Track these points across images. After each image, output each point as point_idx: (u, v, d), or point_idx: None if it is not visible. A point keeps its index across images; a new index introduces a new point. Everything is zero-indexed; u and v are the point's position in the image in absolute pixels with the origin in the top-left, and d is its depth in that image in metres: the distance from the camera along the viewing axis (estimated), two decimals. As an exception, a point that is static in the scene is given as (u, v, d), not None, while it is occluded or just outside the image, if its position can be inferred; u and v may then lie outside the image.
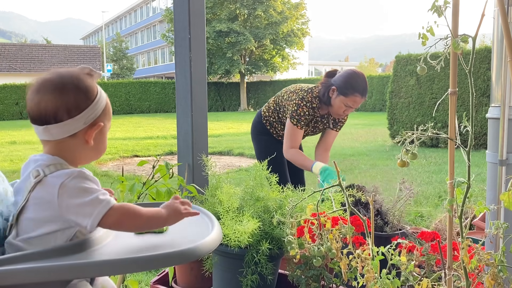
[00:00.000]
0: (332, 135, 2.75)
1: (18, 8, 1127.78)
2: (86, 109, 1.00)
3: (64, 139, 1.01)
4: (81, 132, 1.02)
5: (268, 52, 29.46)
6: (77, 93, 1.00)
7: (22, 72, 27.75)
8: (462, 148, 0.95)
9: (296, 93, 2.59)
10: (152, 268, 0.91)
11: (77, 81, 1.02)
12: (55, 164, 0.99)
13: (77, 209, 0.93)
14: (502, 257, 1.01)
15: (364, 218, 1.16)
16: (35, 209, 0.95)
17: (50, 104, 0.98)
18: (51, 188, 0.94)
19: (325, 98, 2.52)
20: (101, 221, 0.93)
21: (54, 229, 0.95)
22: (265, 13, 27.67)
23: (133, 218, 0.96)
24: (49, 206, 0.94)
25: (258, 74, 30.86)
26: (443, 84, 8.44)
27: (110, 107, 1.10)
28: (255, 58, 29.83)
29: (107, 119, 1.08)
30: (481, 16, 0.92)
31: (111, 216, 0.93)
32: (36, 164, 1.00)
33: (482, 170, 5.44)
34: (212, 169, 1.76)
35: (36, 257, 0.89)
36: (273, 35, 28.11)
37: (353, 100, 2.47)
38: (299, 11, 29.22)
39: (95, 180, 1.00)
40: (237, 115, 22.52)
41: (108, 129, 1.10)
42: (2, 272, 0.82)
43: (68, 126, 0.99)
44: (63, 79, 1.01)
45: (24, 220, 0.96)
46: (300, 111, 2.54)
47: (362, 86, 2.46)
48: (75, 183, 0.94)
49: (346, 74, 2.50)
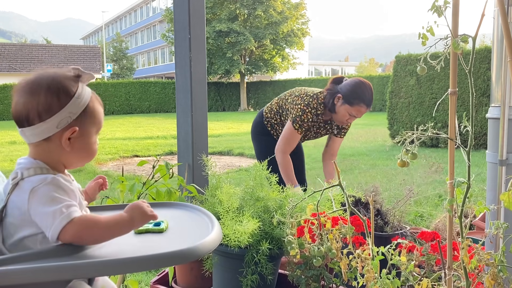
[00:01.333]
0: (337, 142, 2.77)
1: (18, 8, 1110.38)
2: (58, 112, 0.96)
3: (40, 143, 0.99)
4: (55, 136, 0.98)
5: (268, 52, 29.46)
6: (49, 95, 0.96)
7: (22, 72, 27.73)
8: (462, 148, 0.95)
9: (301, 98, 2.58)
10: (152, 268, 0.91)
11: (52, 83, 0.98)
12: (35, 168, 0.97)
13: (41, 217, 0.91)
14: (502, 257, 1.01)
15: (364, 218, 1.16)
16: (12, 214, 0.95)
17: (23, 106, 0.97)
18: (22, 193, 0.93)
19: (330, 105, 2.52)
20: (60, 235, 0.89)
21: (32, 232, 0.93)
22: (265, 13, 27.66)
23: (91, 229, 0.91)
24: (21, 211, 0.93)
25: (258, 74, 30.86)
26: (443, 84, 8.44)
27: (97, 109, 1.04)
28: (255, 58, 29.82)
29: (89, 123, 1.03)
30: (481, 16, 0.92)
31: (69, 230, 0.89)
32: (17, 167, 0.99)
33: (482, 170, 5.44)
34: (212, 169, 1.76)
35: (36, 257, 0.89)
36: (273, 35, 28.09)
37: (358, 109, 2.47)
38: (299, 11, 29.21)
39: (68, 189, 0.96)
40: (237, 115, 22.52)
41: (92, 133, 1.04)
42: (1, 272, 0.82)
43: (39, 129, 0.97)
44: (38, 80, 0.98)
45: (6, 224, 0.96)
46: (304, 117, 2.54)
47: (368, 97, 2.46)
48: (45, 191, 0.93)
49: (353, 83, 2.49)
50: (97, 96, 1.07)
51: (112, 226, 0.93)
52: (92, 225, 0.92)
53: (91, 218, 0.93)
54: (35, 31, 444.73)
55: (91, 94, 1.04)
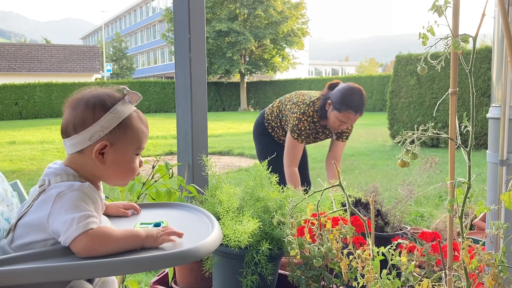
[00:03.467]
0: (340, 146, 2.75)
1: (17, 8, 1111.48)
2: (91, 126, 0.99)
3: (76, 155, 1.02)
4: (88, 149, 1.01)
5: (268, 52, 29.45)
6: (85, 109, 1.00)
7: (21, 72, 27.75)
8: (462, 148, 0.95)
9: (298, 106, 2.59)
10: (152, 269, 0.91)
11: (91, 98, 1.02)
12: (62, 175, 0.99)
13: (59, 221, 0.92)
14: (502, 257, 1.00)
15: (364, 218, 1.16)
16: (32, 216, 0.96)
17: (64, 119, 1.03)
18: (48, 197, 0.95)
19: (323, 111, 2.52)
20: (72, 242, 0.90)
21: (43, 237, 0.94)
22: (265, 13, 27.66)
23: (102, 242, 0.91)
24: (41, 215, 0.94)
25: (258, 74, 30.86)
26: (444, 84, 8.44)
27: (135, 127, 1.04)
28: (255, 58, 29.81)
29: (124, 139, 1.03)
30: (481, 16, 0.92)
31: (81, 240, 0.89)
32: (47, 171, 1.01)
33: (482, 170, 5.44)
34: (212, 169, 1.76)
35: (36, 257, 0.89)
36: (273, 35, 28.09)
37: (347, 116, 2.44)
38: (299, 10, 29.21)
39: (94, 199, 0.98)
40: (237, 115, 22.51)
41: (127, 151, 1.04)
42: (2, 272, 0.82)
43: (74, 141, 1.01)
44: (81, 96, 1.04)
45: (22, 224, 0.97)
46: (301, 126, 2.54)
47: (356, 103, 2.42)
48: (71, 196, 0.94)
49: (343, 90, 2.47)
50: (141, 116, 1.08)
51: (123, 242, 0.93)
52: (104, 239, 0.92)
53: (105, 231, 0.93)
54: (35, 31, 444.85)
55: (132, 112, 1.05)
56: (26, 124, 17.58)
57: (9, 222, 1.14)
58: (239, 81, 30.01)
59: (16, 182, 1.32)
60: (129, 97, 1.05)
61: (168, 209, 1.28)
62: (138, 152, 1.07)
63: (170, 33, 29.43)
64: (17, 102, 22.62)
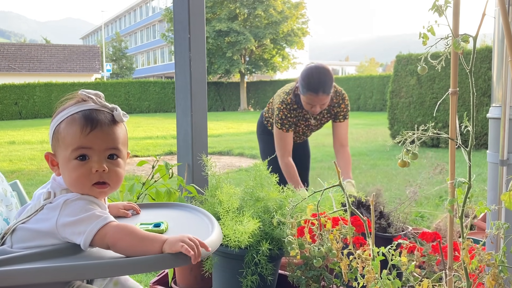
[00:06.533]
0: (341, 128, 2.60)
1: (17, 8, 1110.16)
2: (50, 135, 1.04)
3: None
4: None
5: (268, 51, 29.45)
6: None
7: (21, 72, 27.75)
8: (463, 148, 0.95)
9: (279, 96, 2.58)
10: (152, 270, 0.91)
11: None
12: (67, 189, 1.00)
13: (73, 225, 0.92)
14: (503, 257, 1.00)
15: (364, 218, 1.15)
16: (37, 221, 0.96)
17: None
18: (56, 204, 0.96)
19: (297, 97, 2.49)
20: (95, 237, 0.90)
21: (51, 243, 0.95)
22: (265, 13, 27.65)
23: (126, 236, 0.90)
24: (49, 223, 0.94)
25: (258, 74, 30.86)
26: (444, 83, 8.43)
27: (63, 131, 0.98)
28: (255, 57, 29.81)
29: (58, 146, 1.00)
30: (482, 15, 0.92)
31: (106, 232, 0.90)
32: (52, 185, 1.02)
33: (483, 170, 5.43)
34: (212, 169, 1.75)
35: (36, 258, 0.89)
36: (273, 35, 28.09)
37: (310, 98, 2.36)
38: (299, 10, 29.21)
39: (101, 205, 0.99)
40: (237, 115, 22.51)
41: (65, 156, 0.98)
42: (2, 272, 0.81)
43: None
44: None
45: (21, 229, 0.97)
46: (281, 115, 2.52)
47: (314, 84, 2.31)
48: (78, 203, 0.95)
49: (302, 72, 2.40)
50: (74, 115, 0.98)
51: (145, 239, 0.90)
52: (129, 232, 0.91)
53: (129, 226, 0.94)
54: (35, 30, 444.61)
55: (69, 116, 0.99)
56: (26, 124, 17.58)
57: (7, 222, 1.13)
58: (239, 81, 30.00)
59: (15, 182, 1.32)
60: (84, 98, 1.01)
61: (168, 209, 1.28)
62: (79, 154, 0.97)
63: (170, 33, 29.42)
64: (16, 102, 22.61)
